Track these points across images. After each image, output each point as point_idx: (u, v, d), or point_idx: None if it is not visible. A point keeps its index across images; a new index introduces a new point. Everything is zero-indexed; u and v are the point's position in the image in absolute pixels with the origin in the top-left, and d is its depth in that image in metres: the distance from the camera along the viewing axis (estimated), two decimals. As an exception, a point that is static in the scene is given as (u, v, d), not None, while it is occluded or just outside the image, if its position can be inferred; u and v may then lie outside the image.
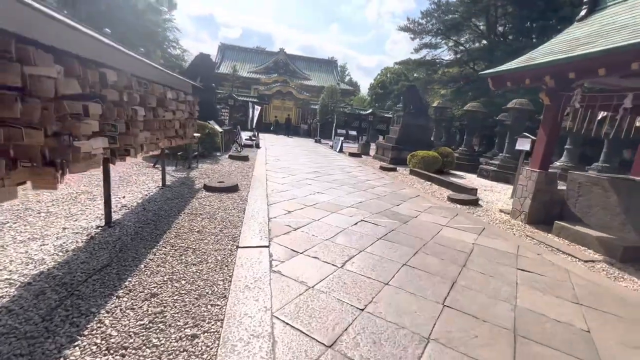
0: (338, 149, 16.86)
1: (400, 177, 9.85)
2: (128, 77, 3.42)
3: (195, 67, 11.43)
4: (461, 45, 22.12)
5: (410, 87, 13.35)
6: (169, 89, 4.94)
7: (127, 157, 3.63)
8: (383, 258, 3.49)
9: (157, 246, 3.26)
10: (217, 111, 11.92)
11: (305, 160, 11.50)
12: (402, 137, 13.15)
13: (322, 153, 15.17)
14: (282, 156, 12.15)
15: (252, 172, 8.11)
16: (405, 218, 5.18)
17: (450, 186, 8.40)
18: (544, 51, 5.38)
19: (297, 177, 8.00)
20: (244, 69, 43.60)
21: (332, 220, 4.69)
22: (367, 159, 14.76)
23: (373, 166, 11.97)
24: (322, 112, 30.08)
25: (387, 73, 55.65)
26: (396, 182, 8.74)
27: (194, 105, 6.69)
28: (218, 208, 4.73)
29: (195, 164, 8.17)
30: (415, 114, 13.33)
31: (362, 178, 8.85)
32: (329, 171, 9.48)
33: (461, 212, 6.03)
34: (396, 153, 12.93)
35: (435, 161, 10.76)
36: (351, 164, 12.02)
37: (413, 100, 13.38)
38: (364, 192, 6.89)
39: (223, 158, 9.86)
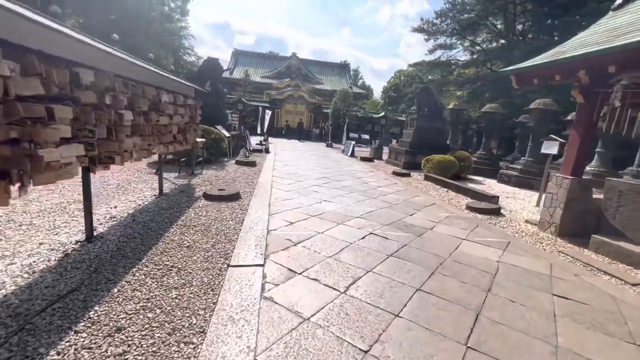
0: (349, 154, 16.42)
1: (414, 183, 9.31)
2: (110, 77, 3.12)
3: (204, 71, 11.29)
4: (477, 45, 21.34)
5: (424, 89, 12.80)
6: (165, 91, 4.66)
7: (110, 164, 3.33)
8: (393, 281, 3.03)
9: (138, 265, 2.92)
10: (226, 116, 11.72)
11: (315, 166, 11.12)
12: (416, 140, 12.59)
13: (333, 158, 14.76)
14: (291, 161, 11.81)
15: (257, 178, 7.78)
16: (420, 230, 4.69)
17: (469, 193, 7.81)
18: (575, 44, 4.81)
19: (304, 183, 7.61)
20: (256, 74, 43.89)
21: (337, 233, 4.25)
22: (380, 163, 14.25)
23: (385, 171, 11.46)
24: (334, 116, 29.73)
25: (401, 76, 54.87)
26: (409, 189, 8.21)
27: (195, 109, 6.42)
28: (215, 219, 4.38)
29: (200, 170, 7.91)
30: (430, 116, 12.75)
31: (373, 184, 8.37)
32: (339, 177, 9.05)
33: (482, 223, 5.47)
34: (410, 157, 12.37)
35: (451, 166, 10.16)
36: (362, 169, 11.55)
37: (427, 102, 12.81)
38: (374, 200, 6.42)
39: (230, 164, 9.60)
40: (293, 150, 16.48)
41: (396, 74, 56.72)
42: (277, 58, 47.70)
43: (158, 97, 4.41)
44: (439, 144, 12.70)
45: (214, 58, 11.51)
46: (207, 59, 11.51)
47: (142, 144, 3.99)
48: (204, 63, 11.50)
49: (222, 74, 11.78)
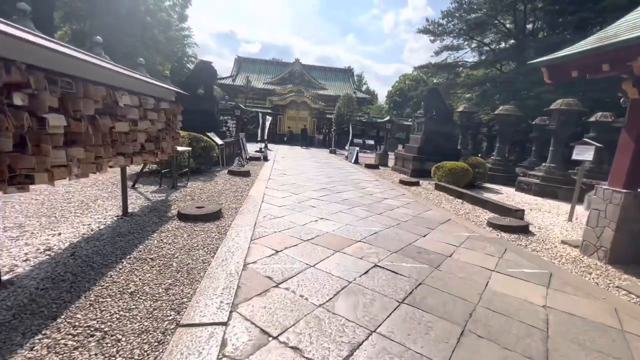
0: (353, 160, 15.56)
1: (424, 194, 8.39)
2: (20, 69, 2.33)
3: (196, 75, 10.60)
4: (486, 45, 20.46)
5: (432, 90, 11.94)
6: (126, 92, 3.88)
7: (28, 185, 2.51)
8: (408, 350, 2.14)
9: (48, 328, 2.07)
10: (219, 122, 10.97)
11: (315, 175, 10.27)
12: (424, 146, 11.68)
13: (336, 165, 13.91)
14: (290, 170, 10.99)
15: (248, 190, 6.95)
16: (437, 259, 3.78)
17: (487, 205, 6.87)
18: (626, 27, 3.91)
19: (301, 196, 6.75)
20: (259, 80, 43.53)
21: (333, 265, 3.37)
22: (385, 170, 13.35)
23: (392, 180, 10.56)
24: (337, 121, 28.96)
25: (405, 80, 54.13)
26: (420, 201, 7.30)
27: (174, 114, 5.64)
28: (181, 248, 3.54)
29: (185, 182, 7.12)
30: (438, 119, 11.86)
31: (378, 196, 7.48)
32: (341, 187, 8.18)
33: (511, 246, 4.54)
34: (418, 164, 11.46)
35: (465, 174, 9.22)
36: (367, 177, 10.66)
37: (435, 105, 11.93)
38: (380, 217, 5.53)
39: (221, 174, 8.80)
40: (293, 158, 15.68)
41: (401, 78, 56.02)
42: (280, 64, 47.34)
43: (112, 98, 3.61)
44: (449, 150, 11.78)
45: (206, 61, 10.82)
46: (200, 62, 10.82)
47: (87, 156, 3.18)
48: (196, 67, 10.82)
49: (215, 78, 11.08)
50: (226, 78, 43.46)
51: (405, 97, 52.11)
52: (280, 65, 47.11)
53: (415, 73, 53.85)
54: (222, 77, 44.40)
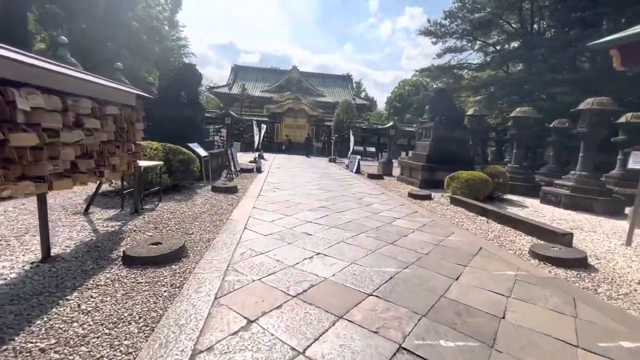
0: (355, 170, 14.40)
1: (439, 210, 7.19)
2: None
3: (179, 79, 9.51)
4: (490, 46, 19.51)
5: (439, 92, 10.84)
6: (37, 90, 2.73)
7: None
8: None
9: None
10: (205, 131, 9.84)
11: (313, 189, 9.08)
12: (434, 153, 10.52)
13: (336, 176, 12.73)
14: (284, 183, 9.81)
15: (231, 213, 5.77)
16: (487, 325, 2.56)
17: (521, 226, 5.66)
18: None
19: (294, 218, 5.56)
20: (256, 88, 42.77)
21: (335, 352, 2.16)
22: (390, 181, 12.16)
23: (399, 192, 9.36)
24: (336, 128, 27.96)
25: (405, 86, 53.42)
26: (437, 220, 6.09)
27: (130, 122, 4.49)
28: (104, 320, 2.33)
29: (156, 203, 5.93)
30: (448, 124, 10.73)
31: (387, 215, 6.28)
32: (342, 205, 6.99)
33: (577, 292, 3.33)
34: (428, 174, 10.28)
35: (484, 185, 8.04)
36: (371, 190, 9.47)
37: (444, 108, 10.82)
38: (393, 249, 4.32)
39: (203, 191, 7.62)
40: (290, 169, 14.51)
41: (400, 84, 55.34)
42: (277, 72, 46.62)
43: (11, 99, 2.46)
44: (461, 157, 10.62)
45: (189, 64, 9.76)
46: (182, 65, 9.74)
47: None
48: (178, 70, 9.74)
49: (200, 83, 9.99)
50: (222, 87, 42.74)
51: (405, 103, 51.30)
52: (277, 72, 46.38)
53: (414, 78, 53.22)
54: (218, 86, 43.71)
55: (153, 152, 6.61)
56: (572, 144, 12.32)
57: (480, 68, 19.42)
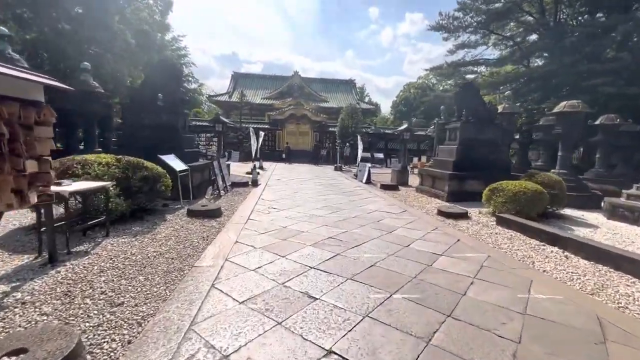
0: (365, 179, 12.63)
1: (486, 235, 5.38)
2: None
3: (154, 79, 7.92)
4: (508, 39, 17.79)
5: (466, 86, 9.09)
6: None
7: None
8: None
9: None
10: (187, 140, 8.18)
11: (317, 207, 7.32)
12: (462, 159, 8.73)
13: (344, 187, 10.96)
14: (283, 200, 8.07)
15: (202, 253, 4.04)
16: None
17: (628, 264, 3.83)
18: None
19: (289, 262, 3.81)
20: (257, 96, 41.50)
21: None
22: (408, 192, 10.35)
23: (425, 209, 7.55)
24: (341, 134, 26.28)
25: (410, 89, 51.72)
26: (495, 257, 4.28)
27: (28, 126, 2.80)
28: None
29: (99, 240, 4.24)
30: (477, 123, 8.95)
31: (421, 248, 4.49)
32: (356, 233, 5.23)
33: None
34: (456, 184, 8.48)
35: (539, 199, 6.22)
36: (389, 207, 7.68)
37: (472, 105, 9.06)
38: (457, 329, 2.53)
39: (176, 215, 5.91)
40: (291, 180, 12.78)
41: (405, 87, 53.67)
42: (278, 78, 45.33)
43: None
44: (495, 163, 8.82)
45: (168, 60, 8.17)
46: (160, 61, 8.15)
47: None
48: (154, 67, 8.14)
49: (180, 82, 8.39)
50: (222, 95, 41.58)
51: (411, 106, 49.52)
52: (278, 79, 45.12)
53: (420, 81, 51.57)
54: (218, 94, 42.52)
55: (101, 169, 4.93)
56: (621, 143, 10.46)
57: (499, 63, 17.67)
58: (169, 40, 49.27)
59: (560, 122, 8.82)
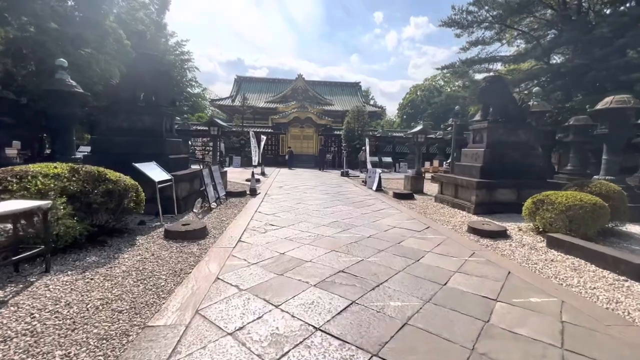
0: (375, 187, 11.46)
1: (542, 263, 4.17)
2: None
3: (133, 76, 6.89)
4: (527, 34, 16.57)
5: (494, 80, 7.89)
6: None
7: None
8: None
9: None
10: (173, 145, 7.12)
11: (324, 223, 6.17)
12: (491, 164, 7.53)
13: (353, 196, 9.80)
14: (284, 214, 6.94)
15: (169, 298, 2.92)
16: None
17: None
18: None
19: (288, 313, 2.67)
20: (260, 99, 40.66)
21: None
22: (426, 202, 9.15)
23: (451, 224, 6.35)
24: (347, 137, 25.17)
25: (417, 91, 50.56)
26: (572, 302, 3.09)
27: None
28: None
29: (33, 279, 3.14)
30: (508, 124, 7.76)
31: (465, 288, 3.30)
32: (373, 260, 4.07)
33: None
34: (485, 193, 7.27)
35: (601, 213, 5.00)
36: (409, 222, 6.49)
37: (501, 102, 7.87)
38: None
39: (150, 238, 4.81)
40: (294, 188, 11.66)
41: (412, 89, 52.51)
42: (282, 82, 44.49)
43: None
44: (530, 168, 7.61)
45: (149, 54, 7.13)
46: (141, 54, 7.12)
47: None
48: (136, 61, 7.11)
49: (167, 79, 7.35)
50: (225, 99, 40.86)
51: (418, 109, 48.30)
52: (282, 82, 44.28)
53: (427, 83, 50.38)
54: (221, 98, 41.79)
55: (46, 182, 3.85)
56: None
57: (518, 59, 16.43)
58: (172, 45, 49.08)
59: (606, 121, 7.57)
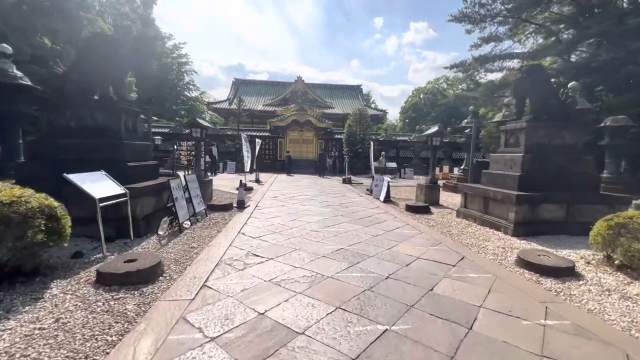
0: (383, 197, 9.98)
1: (667, 335, 2.68)
2: None
3: (84, 62, 5.47)
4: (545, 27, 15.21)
5: (532, 70, 6.42)
6: None
7: None
8: None
9: None
10: (134, 149, 5.67)
11: (325, 254, 4.68)
12: (532, 173, 6.06)
13: (359, 210, 8.30)
14: (274, 236, 5.45)
15: None
16: None
17: None
18: None
19: None
20: (258, 103, 39.38)
21: None
22: (446, 217, 7.66)
23: (491, 252, 4.85)
24: (349, 141, 23.76)
25: (420, 94, 49.29)
26: None
27: None
28: None
29: None
30: (550, 123, 6.30)
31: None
32: (401, 328, 2.59)
33: None
34: (527, 210, 5.79)
35: None
36: (435, 251, 5.00)
37: (540, 97, 6.43)
38: None
39: (75, 281, 3.33)
40: (290, 199, 10.17)
41: (414, 92, 51.24)
42: (280, 85, 43.23)
43: None
44: (580, 177, 6.13)
45: (105, 35, 5.72)
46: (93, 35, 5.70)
47: None
48: (88, 44, 5.67)
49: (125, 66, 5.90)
50: (222, 102, 39.55)
51: (421, 113, 46.98)
52: (280, 85, 43.04)
53: (429, 86, 49.12)
54: (217, 102, 40.49)
55: None
56: None
57: (538, 54, 15.05)
58: (169, 48, 47.92)
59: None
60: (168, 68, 45.52)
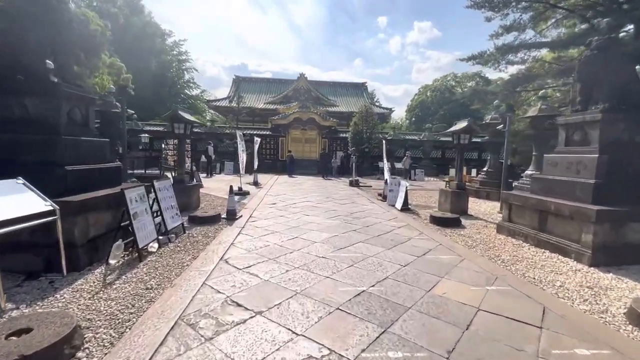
0: (400, 204, 8.49)
1: None
2: None
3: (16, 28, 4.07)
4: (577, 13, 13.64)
5: (604, 47, 4.90)
6: None
7: None
8: None
9: None
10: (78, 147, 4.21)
11: (340, 300, 3.21)
12: (613, 180, 4.57)
13: (375, 223, 6.80)
14: (268, 264, 3.99)
15: None
16: None
17: None
18: None
19: None
20: (259, 100, 37.96)
21: None
22: (484, 233, 6.15)
23: (571, 291, 3.34)
24: (354, 140, 22.28)
25: (427, 91, 47.53)
26: None
27: None
28: None
29: None
30: (632, 114, 4.80)
31: None
32: None
33: None
34: (609, 230, 4.28)
35: None
36: (494, 291, 3.51)
37: (614, 81, 4.94)
38: None
39: None
40: (291, 207, 8.69)
41: (421, 90, 49.46)
42: (282, 82, 41.74)
43: None
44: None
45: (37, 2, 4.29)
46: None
47: None
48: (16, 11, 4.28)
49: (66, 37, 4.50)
50: (222, 100, 38.18)
51: (428, 111, 45.26)
52: (283, 83, 41.56)
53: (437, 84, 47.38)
54: (218, 99, 39.12)
55: None
56: None
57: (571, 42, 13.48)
58: (169, 45, 46.63)
59: None
60: (168, 65, 44.23)
